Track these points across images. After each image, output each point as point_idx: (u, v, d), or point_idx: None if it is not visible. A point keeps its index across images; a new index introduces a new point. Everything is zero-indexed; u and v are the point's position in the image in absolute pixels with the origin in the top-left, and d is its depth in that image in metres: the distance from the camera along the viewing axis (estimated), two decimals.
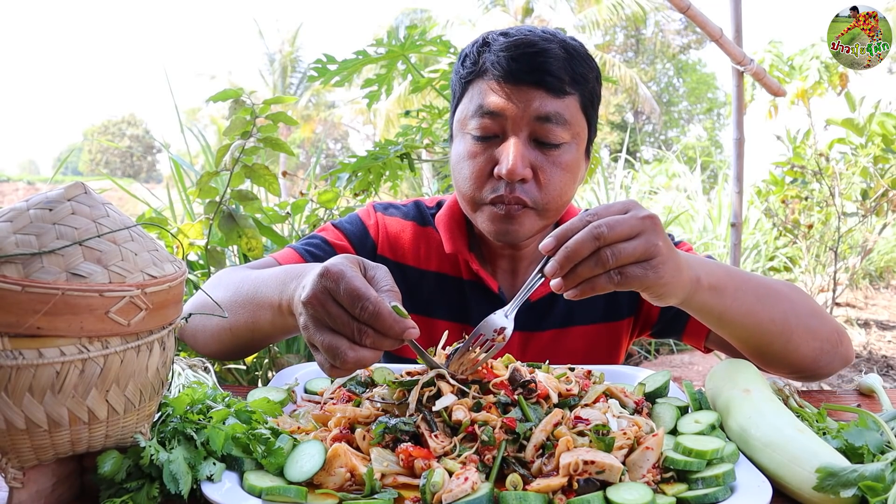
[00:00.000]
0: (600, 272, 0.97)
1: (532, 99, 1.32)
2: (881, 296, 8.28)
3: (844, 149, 5.58)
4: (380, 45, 2.48)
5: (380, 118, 20.90)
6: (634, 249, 0.96)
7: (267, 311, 1.14)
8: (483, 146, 1.37)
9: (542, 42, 1.34)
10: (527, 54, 1.32)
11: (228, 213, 2.10)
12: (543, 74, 1.32)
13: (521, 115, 1.33)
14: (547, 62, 1.32)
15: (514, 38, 1.35)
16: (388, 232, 1.58)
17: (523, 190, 1.34)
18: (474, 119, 1.37)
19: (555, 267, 0.98)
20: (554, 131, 1.34)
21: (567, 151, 1.37)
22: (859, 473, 0.77)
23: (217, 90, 2.03)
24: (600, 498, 0.78)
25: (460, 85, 1.44)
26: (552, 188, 1.36)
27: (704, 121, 37.59)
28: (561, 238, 0.98)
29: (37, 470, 0.76)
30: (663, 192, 9.40)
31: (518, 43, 1.34)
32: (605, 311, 1.55)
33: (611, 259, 0.95)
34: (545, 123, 1.33)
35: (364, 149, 2.50)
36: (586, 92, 1.38)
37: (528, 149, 1.34)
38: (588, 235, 0.96)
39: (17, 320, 0.68)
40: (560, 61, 1.33)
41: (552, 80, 1.32)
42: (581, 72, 1.36)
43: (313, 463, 0.82)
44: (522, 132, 1.34)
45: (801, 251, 6.24)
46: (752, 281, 1.23)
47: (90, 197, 0.77)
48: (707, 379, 1.13)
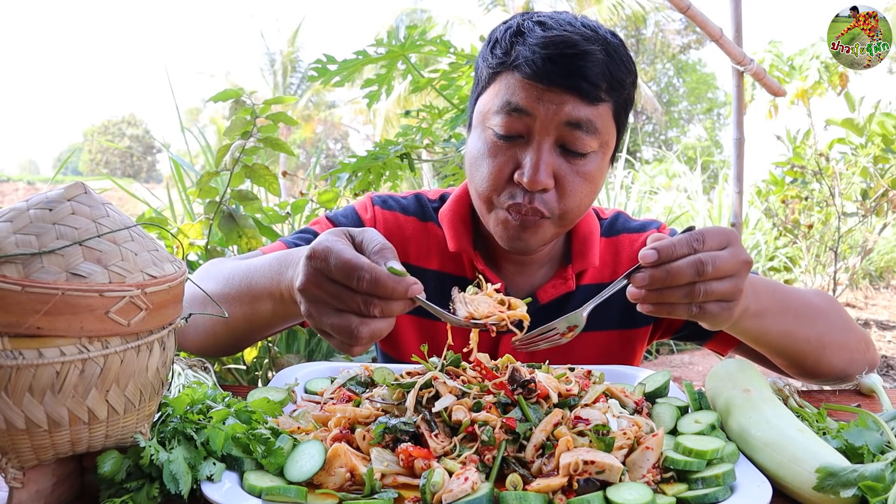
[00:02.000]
0: (685, 302, 0.98)
1: (564, 103, 1.23)
2: (881, 296, 8.27)
3: (844, 149, 5.58)
4: (380, 45, 2.48)
5: (380, 118, 20.90)
6: (724, 290, 0.98)
7: (266, 301, 1.12)
8: (505, 145, 1.28)
9: (584, 42, 1.23)
10: (566, 55, 1.22)
11: (228, 213, 2.10)
12: (580, 80, 1.22)
13: (550, 119, 1.24)
14: (585, 66, 1.22)
15: (553, 33, 1.23)
16: (385, 227, 1.52)
17: (542, 200, 1.27)
18: (499, 115, 1.28)
19: (645, 282, 0.98)
20: (582, 139, 1.25)
21: (593, 161, 1.29)
22: (859, 473, 0.77)
23: (217, 90, 2.03)
24: (600, 498, 0.78)
25: (487, 73, 1.33)
26: (573, 199, 1.29)
27: (704, 121, 37.59)
28: (664, 256, 0.96)
29: (37, 470, 0.76)
30: (664, 193, 9.40)
31: (557, 40, 1.22)
32: (621, 318, 1.49)
33: (700, 295, 0.97)
34: (574, 130, 1.25)
35: (364, 149, 2.50)
36: (621, 98, 1.30)
37: (552, 155, 1.26)
38: (691, 267, 0.96)
39: (17, 320, 0.68)
40: (599, 66, 1.23)
41: (588, 87, 1.23)
42: (619, 77, 1.27)
43: (313, 463, 0.82)
44: (549, 137, 1.25)
45: (801, 251, 6.24)
46: (794, 300, 1.26)
47: (90, 197, 0.77)
48: (707, 379, 1.13)
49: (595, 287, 1.46)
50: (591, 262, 1.47)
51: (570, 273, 1.46)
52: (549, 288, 1.46)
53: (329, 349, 2.93)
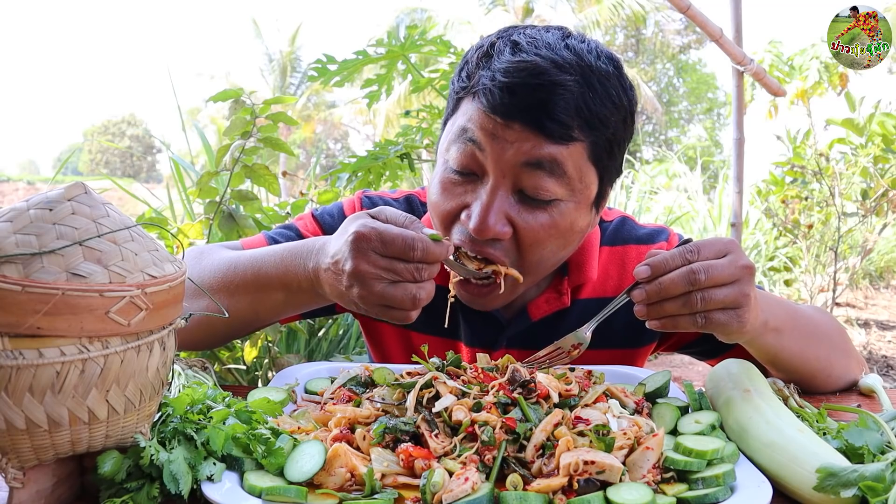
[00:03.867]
0: (686, 313, 0.99)
1: (523, 140, 1.07)
2: (881, 296, 8.27)
3: (844, 149, 5.58)
4: (380, 46, 2.48)
5: (380, 118, 20.90)
6: (725, 297, 0.98)
7: (277, 291, 1.13)
8: (459, 180, 1.15)
9: (554, 71, 1.05)
10: (528, 86, 1.05)
11: (228, 213, 2.10)
12: (543, 116, 1.06)
13: (505, 157, 1.08)
14: (551, 101, 1.05)
15: (520, 57, 1.07)
16: None
17: (499, 248, 1.13)
18: (455, 145, 1.14)
19: (643, 297, 1.00)
20: (544, 183, 1.09)
21: (560, 210, 1.12)
22: (859, 473, 0.76)
23: (217, 90, 2.03)
24: (600, 498, 0.78)
25: (453, 98, 1.20)
26: (532, 254, 1.14)
27: (704, 121, 37.59)
28: (656, 270, 0.99)
29: (37, 470, 0.76)
30: (664, 192, 9.40)
31: (521, 67, 1.06)
32: (624, 338, 1.38)
33: (699, 304, 0.97)
34: (535, 171, 1.08)
35: (364, 149, 2.50)
36: (602, 138, 1.11)
37: (509, 202, 1.11)
38: (683, 278, 0.97)
39: (18, 320, 0.68)
40: (572, 100, 1.06)
41: (553, 126, 1.06)
42: (601, 113, 1.08)
43: (313, 463, 0.82)
44: (506, 179, 1.10)
45: (802, 251, 6.24)
46: (801, 318, 1.25)
47: (90, 197, 0.77)
48: (707, 379, 1.13)
49: (595, 301, 1.36)
50: (588, 275, 1.35)
51: (565, 287, 1.35)
52: (542, 303, 1.35)
53: (329, 349, 2.93)
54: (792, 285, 6.81)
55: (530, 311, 1.35)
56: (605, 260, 1.40)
